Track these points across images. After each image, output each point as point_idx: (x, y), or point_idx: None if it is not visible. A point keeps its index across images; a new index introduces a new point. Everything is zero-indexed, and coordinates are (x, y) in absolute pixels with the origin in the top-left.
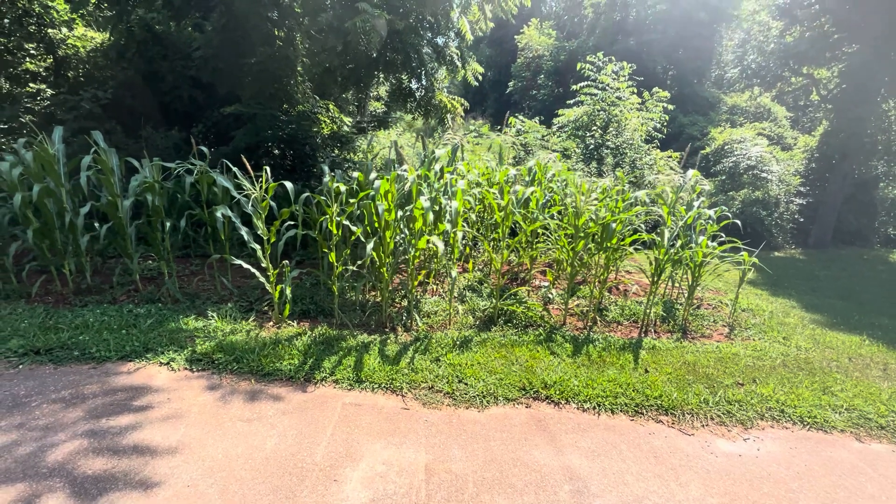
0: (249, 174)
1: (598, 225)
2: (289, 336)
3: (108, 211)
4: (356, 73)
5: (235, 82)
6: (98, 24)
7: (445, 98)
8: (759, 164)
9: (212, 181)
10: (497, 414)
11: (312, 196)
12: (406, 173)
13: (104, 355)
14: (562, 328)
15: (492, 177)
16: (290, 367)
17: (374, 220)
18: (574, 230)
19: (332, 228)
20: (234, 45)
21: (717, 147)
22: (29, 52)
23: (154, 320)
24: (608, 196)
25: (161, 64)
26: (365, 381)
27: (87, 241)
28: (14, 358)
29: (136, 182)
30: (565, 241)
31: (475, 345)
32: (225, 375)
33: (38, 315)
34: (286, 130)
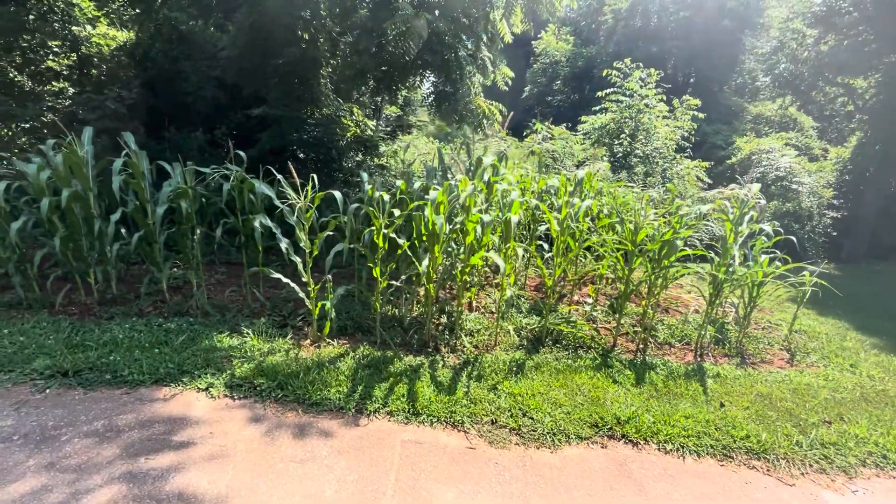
0: (294, 181)
1: (659, 241)
2: (331, 357)
3: (138, 217)
4: (390, 76)
5: (261, 83)
6: (122, 23)
7: (483, 103)
8: (788, 175)
9: (251, 188)
10: (572, 456)
11: (361, 206)
12: (458, 182)
13: (137, 379)
14: (613, 350)
15: (527, 186)
16: (338, 395)
17: (423, 232)
18: (631, 246)
19: (378, 241)
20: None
21: (743, 157)
22: (52, 50)
23: (186, 337)
24: (668, 211)
25: (185, 64)
26: (422, 413)
27: (117, 249)
28: (40, 381)
29: (171, 188)
30: (620, 258)
31: (529, 370)
32: (269, 404)
33: (64, 329)
34: (312, 133)
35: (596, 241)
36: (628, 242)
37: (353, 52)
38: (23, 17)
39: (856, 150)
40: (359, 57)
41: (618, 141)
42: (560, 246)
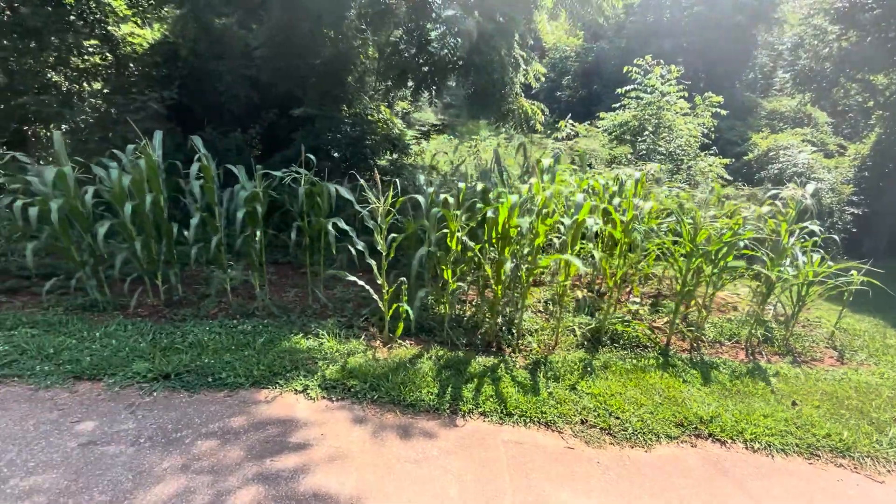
0: (377, 185)
1: (718, 242)
2: (408, 358)
3: (209, 220)
4: (431, 76)
5: (295, 83)
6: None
7: (526, 103)
8: (807, 171)
9: (319, 191)
10: (666, 455)
11: (439, 210)
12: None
13: (236, 381)
14: (668, 349)
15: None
16: (430, 396)
17: (494, 234)
18: (690, 247)
19: (451, 244)
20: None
21: (760, 153)
22: (87, 50)
23: (265, 339)
24: (725, 211)
25: (218, 63)
26: (514, 413)
27: (195, 253)
28: (145, 384)
29: (248, 192)
30: (679, 259)
31: (598, 369)
32: (366, 406)
33: (148, 332)
34: (347, 133)
35: (659, 244)
36: (687, 243)
37: (394, 51)
38: (63, 17)
39: (875, 146)
40: (399, 57)
41: (640, 138)
42: (623, 247)
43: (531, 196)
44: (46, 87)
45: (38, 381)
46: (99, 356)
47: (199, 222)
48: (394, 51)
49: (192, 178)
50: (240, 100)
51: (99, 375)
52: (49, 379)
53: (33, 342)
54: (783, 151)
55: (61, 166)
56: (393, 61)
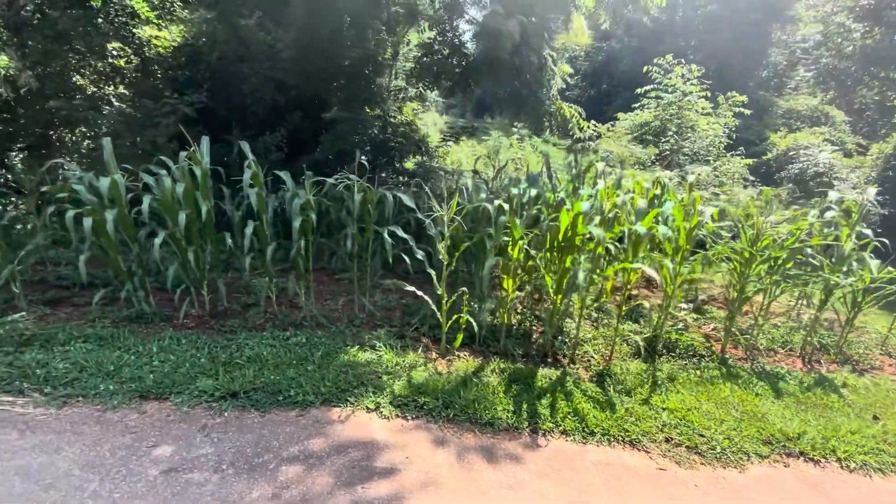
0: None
1: (782, 249)
2: (471, 372)
3: (259, 229)
4: (465, 77)
5: (322, 85)
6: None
7: (565, 106)
8: (828, 171)
9: (372, 198)
10: (761, 476)
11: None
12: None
13: (307, 400)
14: (726, 358)
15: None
16: (506, 414)
17: (557, 243)
18: (748, 253)
19: (513, 253)
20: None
21: (779, 153)
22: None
23: (322, 352)
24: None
25: (243, 65)
26: (595, 432)
27: (249, 262)
28: (213, 403)
29: (302, 200)
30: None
31: (664, 381)
32: (443, 425)
33: (202, 345)
34: (376, 136)
35: (723, 251)
36: (747, 249)
37: (427, 52)
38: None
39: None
40: (432, 58)
41: (664, 139)
42: (684, 254)
43: (599, 203)
44: (72, 91)
45: (105, 402)
46: (160, 373)
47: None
48: (427, 51)
49: (245, 186)
50: (265, 102)
51: (165, 394)
52: (115, 399)
53: (91, 358)
54: (803, 151)
55: (111, 174)
56: (426, 62)
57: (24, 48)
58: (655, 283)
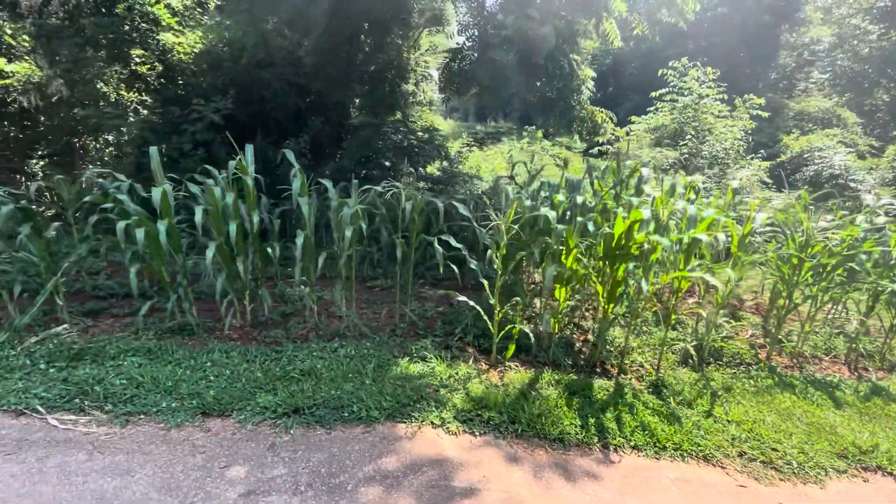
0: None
1: (836, 255)
2: (526, 383)
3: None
4: (496, 83)
5: (343, 90)
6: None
7: (596, 110)
8: (843, 173)
9: (420, 206)
10: (842, 491)
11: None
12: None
13: (370, 416)
14: (773, 366)
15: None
16: (574, 429)
17: (611, 252)
18: (797, 260)
19: (567, 262)
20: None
21: (794, 155)
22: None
23: (374, 365)
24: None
25: (265, 71)
26: (667, 447)
27: (300, 271)
28: (277, 420)
29: (352, 210)
30: (787, 272)
31: (721, 391)
32: (512, 440)
33: (253, 358)
34: (399, 141)
35: (772, 257)
36: (795, 255)
37: (455, 57)
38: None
39: None
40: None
41: (682, 142)
42: (737, 261)
43: (656, 210)
44: (99, 99)
45: (167, 419)
46: (218, 388)
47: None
48: (455, 56)
49: (294, 196)
50: (287, 108)
51: (226, 411)
52: (177, 416)
53: (145, 373)
54: (818, 153)
55: (159, 184)
56: (454, 68)
57: (54, 56)
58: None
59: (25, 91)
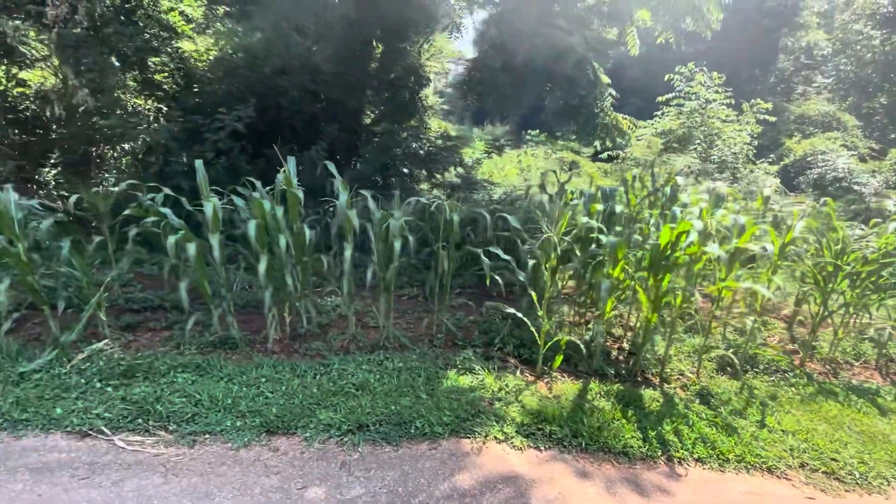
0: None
1: (873, 263)
2: (576, 394)
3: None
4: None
5: (360, 97)
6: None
7: (620, 117)
8: (847, 175)
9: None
10: None
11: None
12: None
13: (434, 431)
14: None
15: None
16: (636, 442)
17: (658, 262)
18: (832, 268)
19: (614, 273)
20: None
21: (797, 158)
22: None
23: (424, 378)
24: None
25: (283, 79)
26: (729, 458)
27: (347, 284)
28: (343, 437)
29: (399, 221)
30: (821, 279)
31: (766, 399)
32: (577, 455)
33: (302, 373)
34: (418, 148)
35: (809, 265)
36: (830, 263)
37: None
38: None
39: None
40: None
41: (692, 146)
42: (775, 269)
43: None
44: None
45: (233, 438)
46: (277, 404)
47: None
48: (478, 65)
49: (340, 208)
50: (303, 115)
51: (290, 428)
52: (243, 435)
53: (201, 390)
54: (821, 156)
55: (205, 197)
56: (476, 76)
57: (79, 66)
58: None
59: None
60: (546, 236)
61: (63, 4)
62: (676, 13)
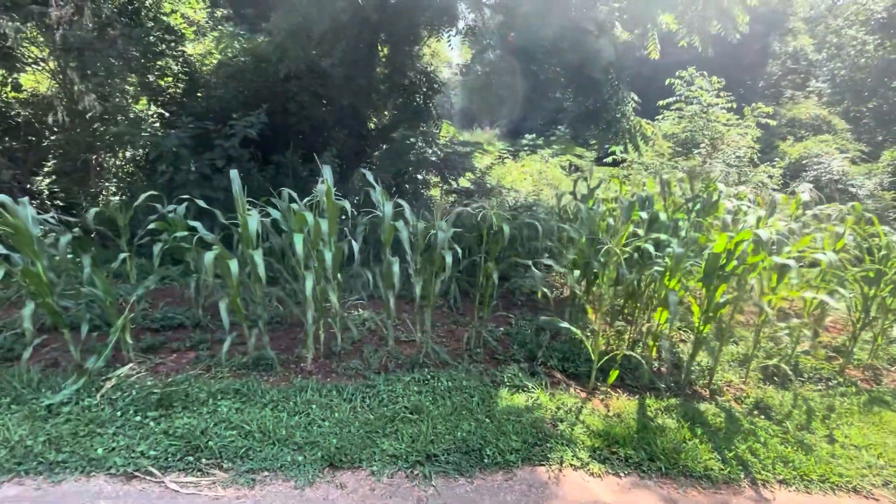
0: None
1: None
2: (636, 412)
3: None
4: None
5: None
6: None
7: (644, 122)
8: (842, 178)
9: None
10: None
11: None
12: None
13: (506, 459)
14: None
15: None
16: (715, 464)
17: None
18: (874, 274)
19: (670, 284)
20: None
21: (792, 161)
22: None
23: (477, 399)
24: None
25: (291, 83)
26: (812, 479)
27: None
28: (413, 469)
29: (448, 234)
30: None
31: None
32: (659, 480)
33: (349, 396)
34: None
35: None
36: (871, 269)
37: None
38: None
39: None
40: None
41: (697, 150)
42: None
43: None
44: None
45: (296, 476)
46: (333, 434)
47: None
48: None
49: (387, 220)
50: (311, 121)
51: (354, 462)
52: (305, 472)
53: (249, 420)
54: (815, 159)
55: (242, 210)
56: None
57: (85, 70)
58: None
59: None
60: (607, 247)
61: (68, 4)
62: (704, 17)
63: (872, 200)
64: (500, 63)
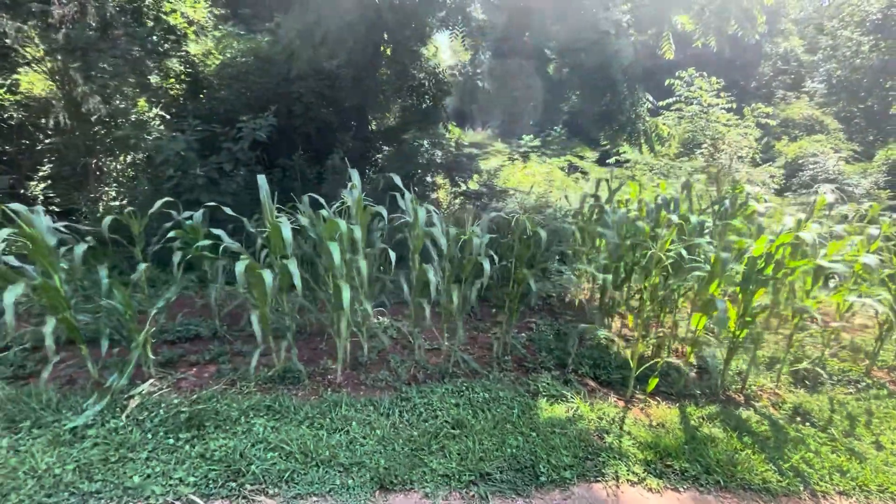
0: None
1: None
2: (679, 421)
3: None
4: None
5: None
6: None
7: (659, 122)
8: (838, 176)
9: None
10: None
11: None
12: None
13: (561, 476)
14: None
15: None
16: (772, 475)
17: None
18: None
19: (711, 289)
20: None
21: (788, 160)
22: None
23: (517, 411)
24: None
25: (297, 85)
26: (871, 489)
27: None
28: (468, 489)
29: (485, 240)
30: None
31: (860, 416)
32: (719, 494)
33: (384, 411)
34: (444, 156)
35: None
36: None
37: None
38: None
39: None
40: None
41: (699, 151)
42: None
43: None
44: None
45: (346, 500)
46: (378, 453)
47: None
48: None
49: (421, 226)
50: (317, 123)
51: (405, 483)
52: (356, 496)
53: (288, 440)
54: (811, 158)
55: (270, 217)
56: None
57: (89, 69)
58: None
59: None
60: (651, 252)
61: (71, 2)
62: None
63: (869, 199)
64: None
